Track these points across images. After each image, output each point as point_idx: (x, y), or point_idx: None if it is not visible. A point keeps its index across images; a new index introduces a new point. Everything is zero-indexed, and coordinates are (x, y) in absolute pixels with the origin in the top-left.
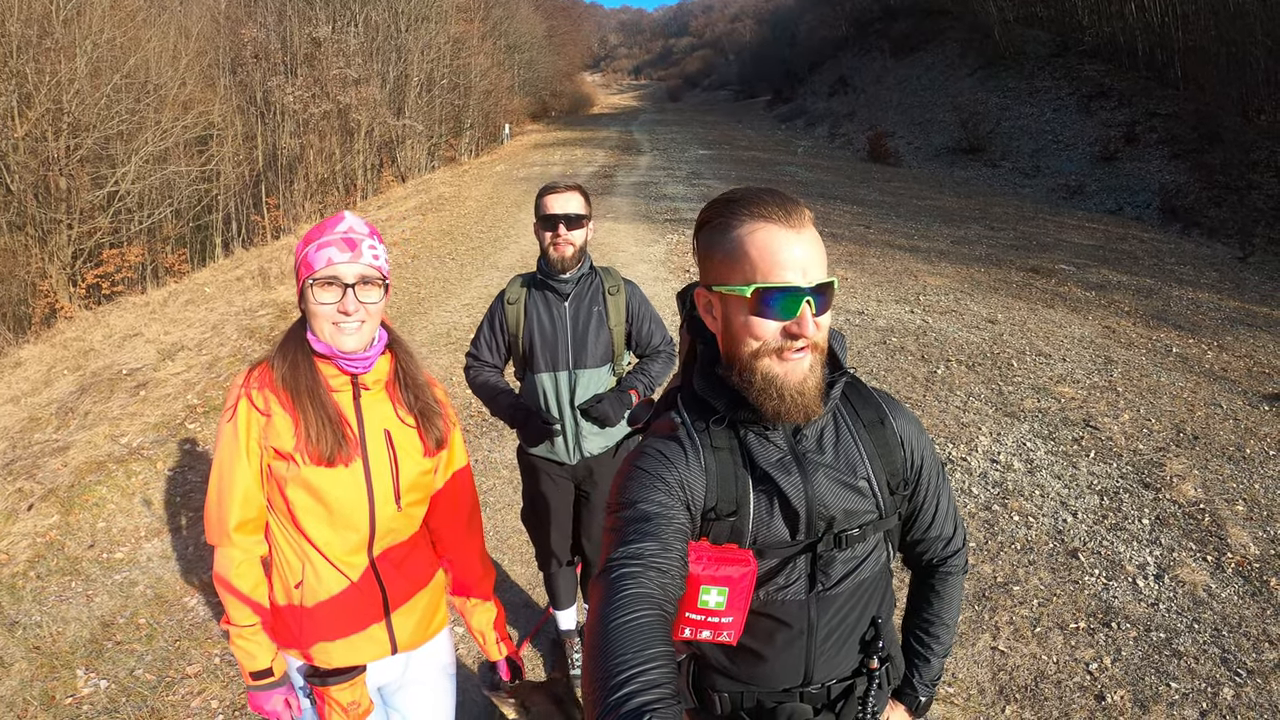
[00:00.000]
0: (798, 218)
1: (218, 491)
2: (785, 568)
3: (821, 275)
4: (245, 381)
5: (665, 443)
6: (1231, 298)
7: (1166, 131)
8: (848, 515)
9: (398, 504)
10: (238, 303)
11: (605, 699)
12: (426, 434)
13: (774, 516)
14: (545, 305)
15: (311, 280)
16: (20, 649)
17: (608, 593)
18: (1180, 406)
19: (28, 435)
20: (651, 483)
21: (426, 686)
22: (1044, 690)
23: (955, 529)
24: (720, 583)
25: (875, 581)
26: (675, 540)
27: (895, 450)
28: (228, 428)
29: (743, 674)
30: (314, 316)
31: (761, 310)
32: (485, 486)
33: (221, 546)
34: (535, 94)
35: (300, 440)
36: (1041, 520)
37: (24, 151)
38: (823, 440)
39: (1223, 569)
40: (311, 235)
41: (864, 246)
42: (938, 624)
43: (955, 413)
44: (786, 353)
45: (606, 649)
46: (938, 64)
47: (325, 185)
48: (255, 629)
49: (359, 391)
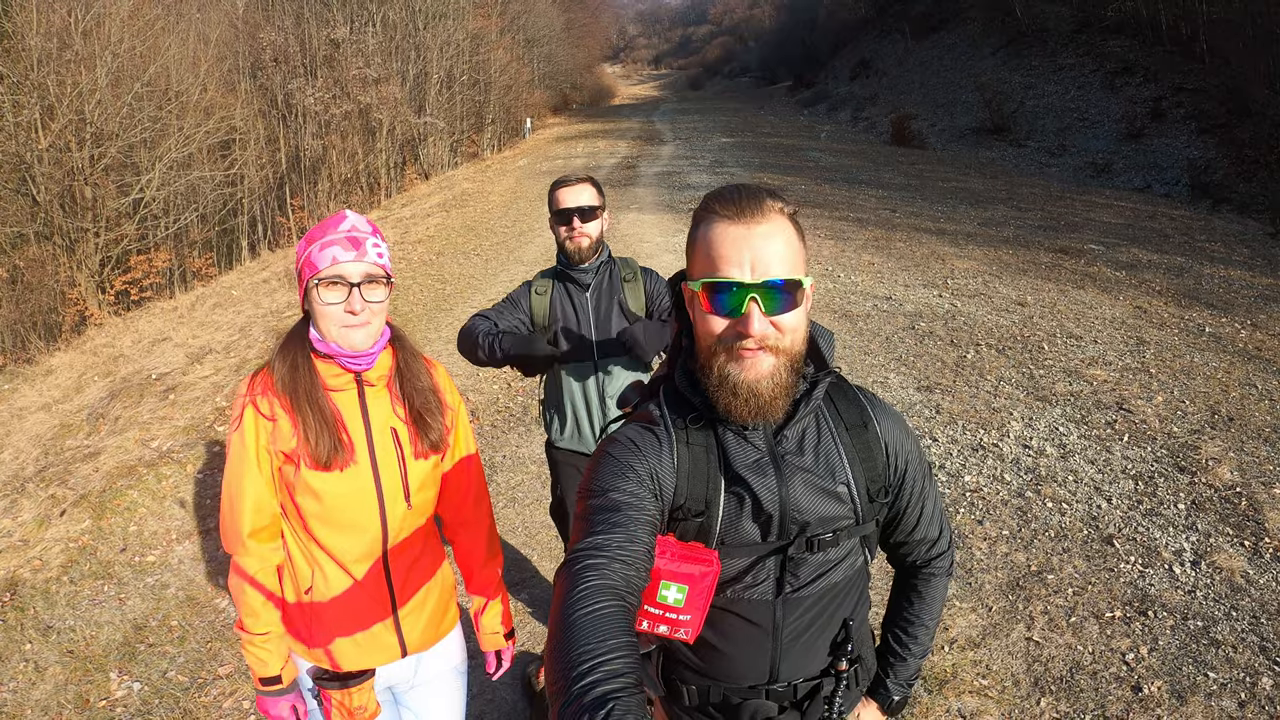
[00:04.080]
0: (752, 213)
1: (229, 500)
2: (754, 568)
3: (780, 272)
4: (249, 389)
5: (641, 432)
6: (1264, 275)
7: (1193, 106)
8: (822, 521)
9: (408, 501)
10: (265, 304)
11: (568, 689)
12: (422, 436)
13: (744, 518)
14: (569, 297)
15: (316, 280)
16: (54, 653)
17: (571, 583)
18: (1214, 387)
19: (60, 442)
20: (622, 471)
21: (438, 686)
22: (1079, 681)
23: (940, 532)
24: (680, 580)
25: (849, 584)
26: (642, 531)
27: (878, 455)
28: (235, 437)
29: (708, 669)
30: (320, 317)
31: (710, 306)
32: (514, 482)
33: (237, 555)
34: (555, 87)
35: (300, 444)
36: (1075, 506)
37: (49, 162)
38: (803, 443)
39: (1260, 554)
40: (314, 235)
41: (890, 231)
42: (917, 625)
43: (986, 398)
44: (739, 351)
45: (569, 640)
46: (959, 44)
47: (349, 185)
48: (268, 637)
49: (364, 389)
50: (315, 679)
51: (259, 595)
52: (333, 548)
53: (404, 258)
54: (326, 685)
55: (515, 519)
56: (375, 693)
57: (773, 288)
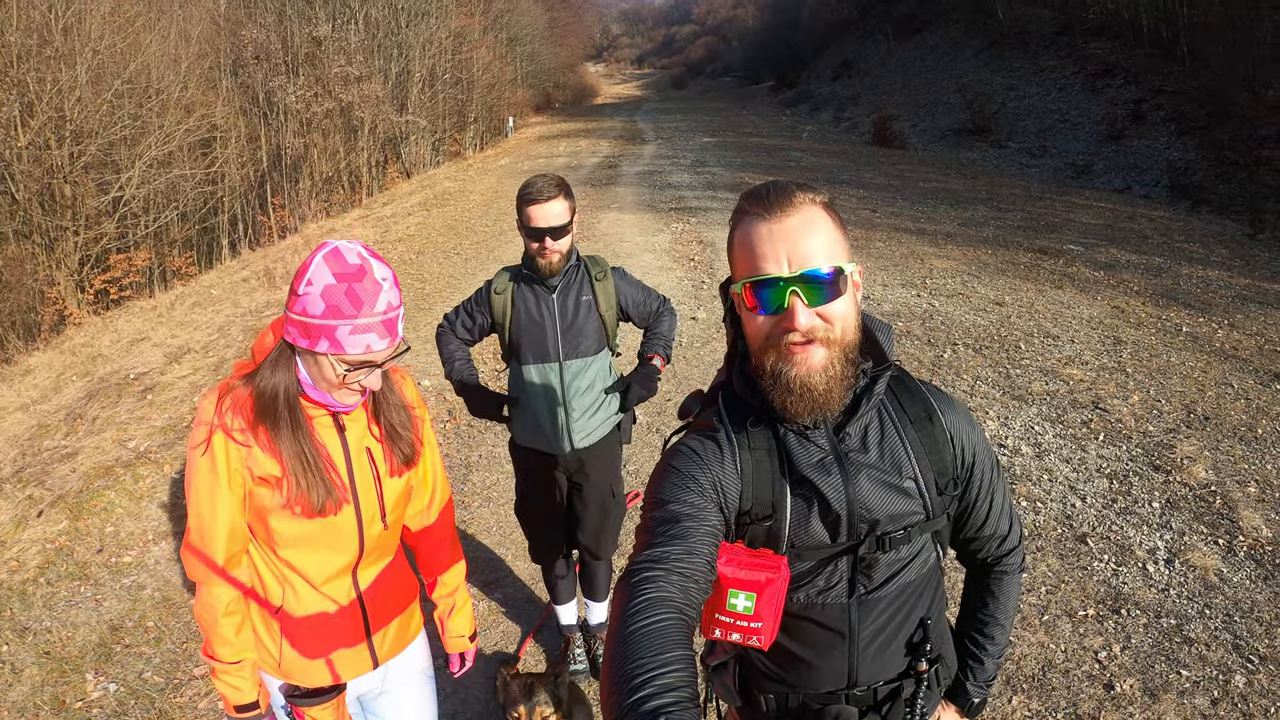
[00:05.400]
0: (782, 206)
1: (199, 529)
2: (825, 570)
3: (819, 262)
4: (217, 409)
5: (702, 441)
6: (1242, 275)
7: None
8: (892, 518)
9: (384, 522)
10: (244, 304)
11: (622, 702)
12: (395, 451)
13: (813, 520)
14: (534, 297)
15: (342, 364)
16: (31, 654)
17: (628, 597)
18: (1191, 387)
19: (37, 442)
20: (684, 482)
21: (407, 691)
22: (1051, 680)
23: (1011, 526)
24: (748, 587)
25: (923, 583)
26: (703, 542)
27: (944, 448)
28: (202, 461)
29: (787, 676)
30: (321, 378)
31: (754, 304)
32: (489, 481)
33: (207, 584)
34: (538, 86)
35: (289, 492)
36: (1050, 505)
37: (28, 160)
38: (867, 439)
39: (1234, 552)
40: (341, 308)
41: (870, 231)
42: (993, 624)
43: (962, 397)
44: (787, 348)
45: (624, 653)
46: (941, 45)
47: (330, 183)
48: (241, 665)
49: (340, 421)
50: (287, 696)
51: (232, 624)
52: (304, 568)
53: (384, 256)
54: (299, 702)
55: (490, 518)
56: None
57: (813, 279)
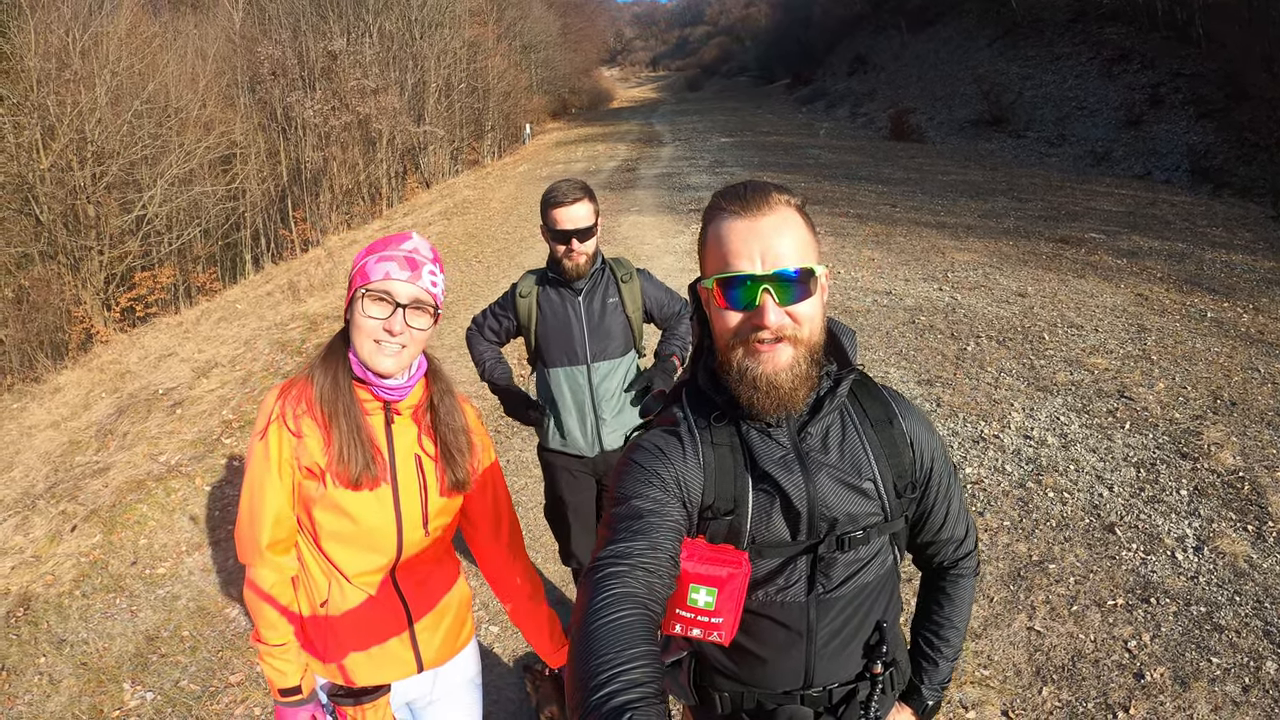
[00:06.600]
0: (759, 205)
1: (250, 511)
2: (785, 569)
3: (792, 262)
4: (280, 398)
5: (664, 437)
6: (1266, 258)
7: (1191, 92)
8: (850, 518)
9: (425, 529)
10: (269, 317)
11: (587, 699)
12: (448, 473)
13: (774, 516)
14: (560, 300)
15: (364, 290)
16: (68, 666)
17: (592, 592)
18: (1216, 372)
19: (69, 458)
20: (646, 478)
21: (456, 699)
22: (1081, 670)
23: (967, 531)
24: (709, 582)
25: (880, 585)
26: (666, 538)
27: (904, 451)
28: (259, 446)
29: (742, 674)
30: (357, 329)
31: (724, 301)
32: (517, 485)
33: (254, 565)
34: (554, 92)
35: (330, 461)
36: (1077, 495)
37: (51, 182)
38: (828, 439)
39: (1264, 538)
40: (375, 246)
41: (890, 226)
42: (947, 627)
43: (987, 389)
44: (755, 345)
45: (588, 649)
46: (955, 36)
47: (350, 196)
48: (286, 648)
49: (391, 417)
50: (330, 695)
51: (277, 603)
52: (343, 564)
53: None
54: (341, 701)
55: (520, 522)
56: (393, 709)
57: (785, 278)
